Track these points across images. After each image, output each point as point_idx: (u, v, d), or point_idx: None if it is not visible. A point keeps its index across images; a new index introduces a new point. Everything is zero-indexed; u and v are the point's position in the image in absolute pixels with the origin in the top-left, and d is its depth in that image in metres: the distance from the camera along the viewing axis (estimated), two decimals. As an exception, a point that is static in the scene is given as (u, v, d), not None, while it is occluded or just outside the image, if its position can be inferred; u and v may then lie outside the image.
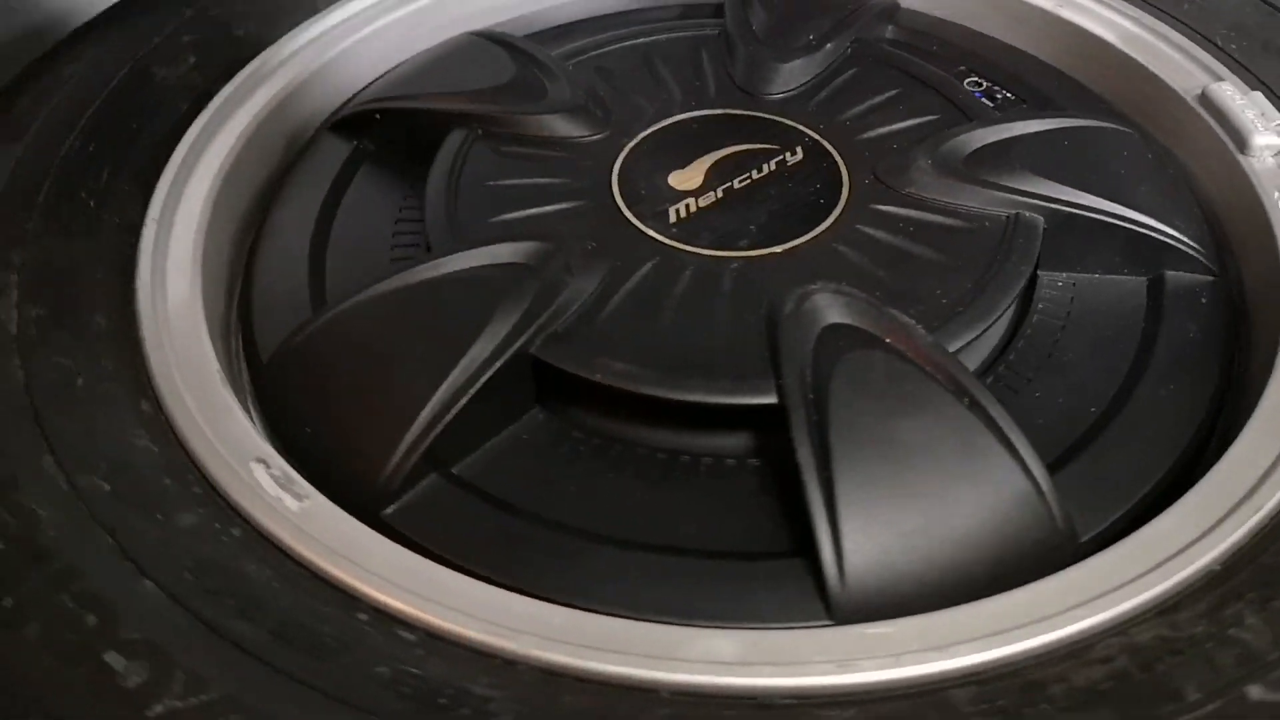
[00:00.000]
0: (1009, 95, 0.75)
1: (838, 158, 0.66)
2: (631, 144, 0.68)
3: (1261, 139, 0.65)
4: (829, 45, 0.74)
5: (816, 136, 0.68)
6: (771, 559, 0.51)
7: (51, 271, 0.57)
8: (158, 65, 0.70)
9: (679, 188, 0.65)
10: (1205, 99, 0.69)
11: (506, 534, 0.52)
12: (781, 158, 0.66)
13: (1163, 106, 0.72)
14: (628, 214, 0.63)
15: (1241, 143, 0.66)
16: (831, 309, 0.56)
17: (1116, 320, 0.62)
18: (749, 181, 0.65)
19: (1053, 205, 0.62)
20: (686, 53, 0.75)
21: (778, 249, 0.61)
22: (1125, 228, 0.62)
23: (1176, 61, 0.73)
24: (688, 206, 0.63)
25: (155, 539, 0.46)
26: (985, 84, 0.76)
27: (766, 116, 0.70)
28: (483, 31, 0.78)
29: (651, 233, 0.62)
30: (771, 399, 0.53)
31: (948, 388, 0.52)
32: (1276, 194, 0.64)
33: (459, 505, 0.53)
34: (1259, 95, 0.68)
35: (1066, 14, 0.77)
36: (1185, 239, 0.63)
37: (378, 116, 0.71)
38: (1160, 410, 0.57)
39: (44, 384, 0.51)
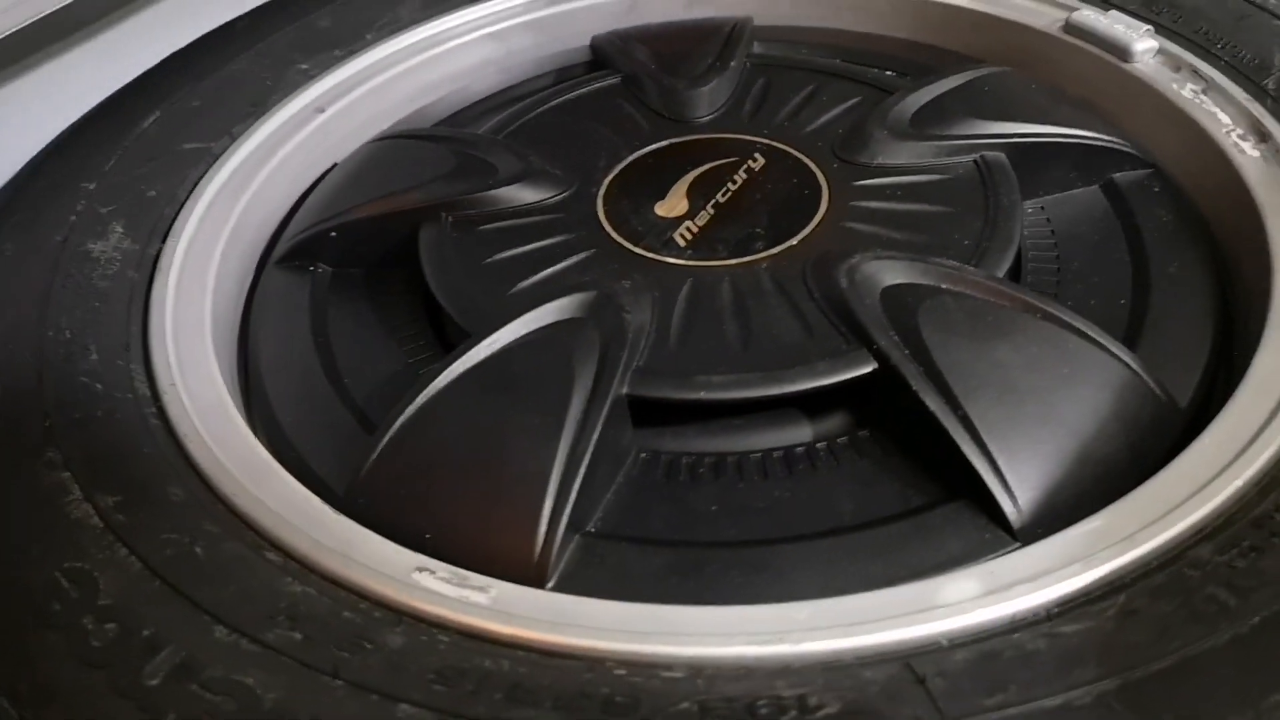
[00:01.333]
0: (894, 73, 0.81)
1: (797, 153, 0.70)
2: (602, 190, 0.68)
3: (1140, 44, 0.73)
4: (732, 64, 0.77)
5: (767, 141, 0.71)
6: (933, 509, 0.52)
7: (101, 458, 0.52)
8: (90, 240, 0.66)
9: (669, 215, 0.66)
10: (1072, 27, 0.77)
11: (684, 563, 0.51)
12: (747, 165, 0.69)
13: (1037, 49, 0.79)
14: (638, 250, 0.64)
15: (1123, 54, 0.74)
16: (883, 273, 0.58)
17: (1095, 226, 0.67)
18: (730, 193, 0.67)
19: (1004, 140, 0.67)
20: (599, 104, 0.77)
21: (794, 241, 0.63)
22: (1070, 144, 0.68)
23: (1027, 6, 0.80)
24: (689, 229, 0.65)
25: (381, 664, 0.42)
26: (871, 70, 0.81)
27: (713, 136, 0.72)
28: (390, 133, 0.77)
29: (671, 260, 0.63)
30: (872, 367, 0.55)
31: (1020, 309, 0.56)
32: (1173, 85, 0.72)
33: (618, 556, 0.52)
34: (1115, 13, 0.76)
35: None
36: (1119, 141, 0.69)
37: (333, 235, 0.68)
38: (1178, 285, 0.62)
39: (165, 559, 0.47)
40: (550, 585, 0.50)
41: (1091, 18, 0.76)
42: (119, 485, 0.51)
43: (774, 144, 0.71)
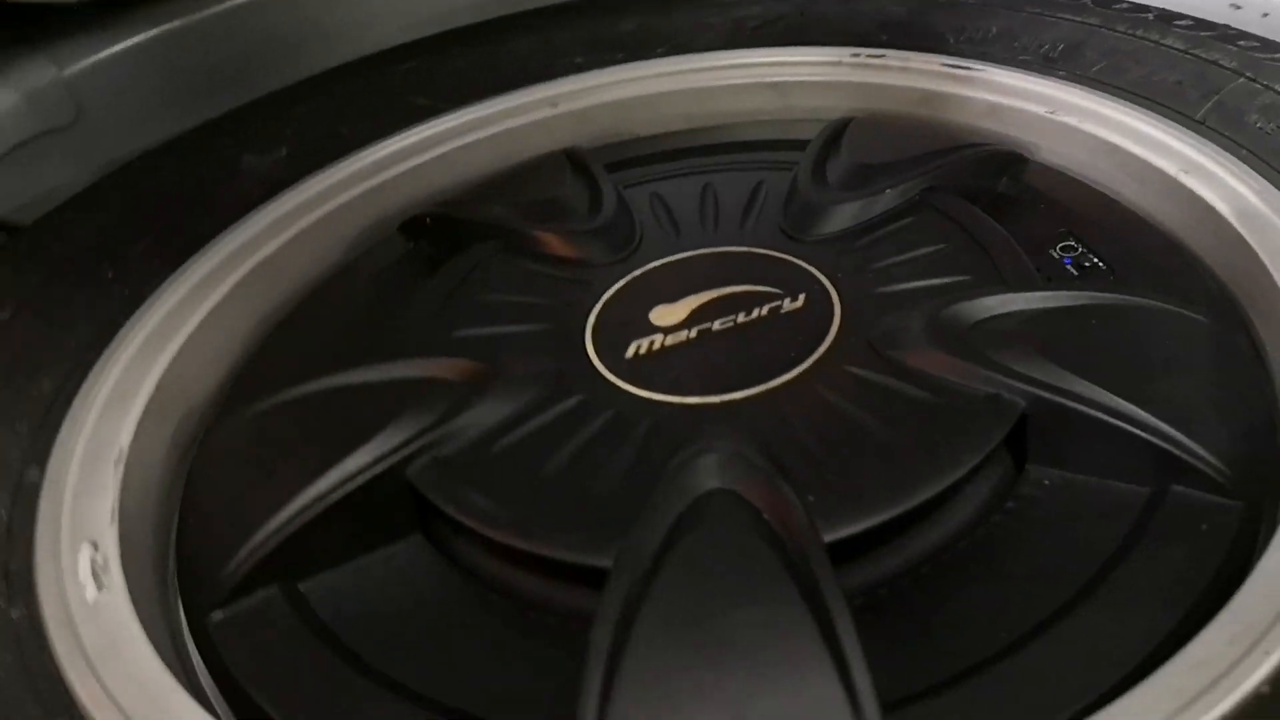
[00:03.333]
0: (1100, 263, 0.66)
1: (836, 308, 0.61)
2: (628, 277, 0.66)
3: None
4: (888, 191, 0.68)
5: (825, 284, 0.63)
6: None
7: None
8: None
9: (658, 323, 0.62)
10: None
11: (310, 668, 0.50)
12: (779, 304, 0.62)
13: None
14: (588, 345, 0.61)
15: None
16: (714, 472, 0.51)
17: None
18: (730, 325, 0.61)
19: (1041, 391, 0.54)
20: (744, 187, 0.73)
21: (715, 399, 0.57)
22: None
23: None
24: (652, 343, 0.61)
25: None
26: (1080, 248, 0.67)
27: (783, 257, 0.65)
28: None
29: (600, 366, 0.60)
30: (606, 563, 0.49)
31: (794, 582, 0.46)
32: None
33: (282, 624, 0.51)
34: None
35: (1188, 180, 0.67)
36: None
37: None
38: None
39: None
40: (217, 615, 0.52)
41: None
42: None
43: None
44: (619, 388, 0.58)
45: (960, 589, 0.50)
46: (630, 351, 0.60)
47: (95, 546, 0.54)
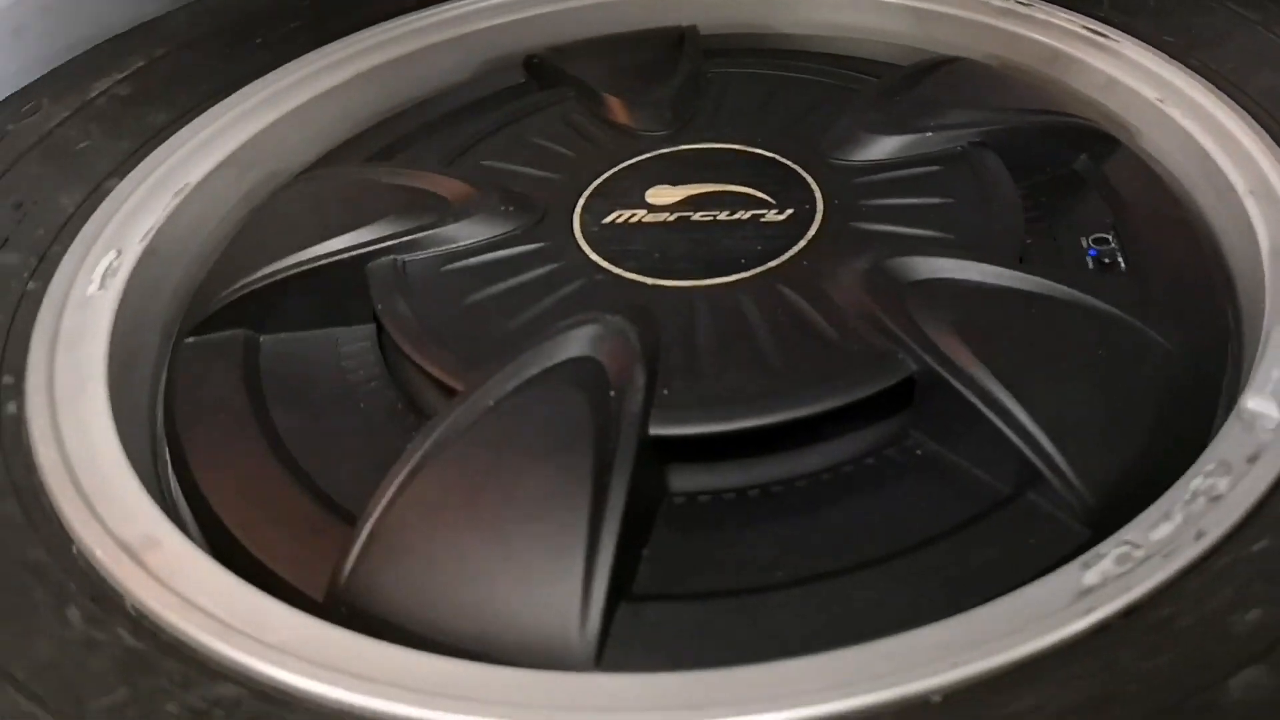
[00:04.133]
0: (1123, 263, 0.63)
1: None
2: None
3: None
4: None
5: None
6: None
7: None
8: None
9: (650, 200, 0.65)
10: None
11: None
12: (763, 213, 0.63)
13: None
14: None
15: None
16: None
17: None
18: (709, 219, 0.63)
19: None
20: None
21: (647, 280, 0.60)
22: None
23: None
24: (632, 216, 0.64)
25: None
26: (1114, 243, 0.63)
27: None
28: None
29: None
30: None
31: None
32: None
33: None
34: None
35: (1250, 203, 0.62)
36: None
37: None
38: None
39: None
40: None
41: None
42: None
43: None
44: (577, 245, 0.62)
45: (775, 517, 0.51)
46: (610, 218, 0.64)
47: (119, 253, 0.65)
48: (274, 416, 0.58)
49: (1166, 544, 0.45)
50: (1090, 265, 0.62)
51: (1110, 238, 0.63)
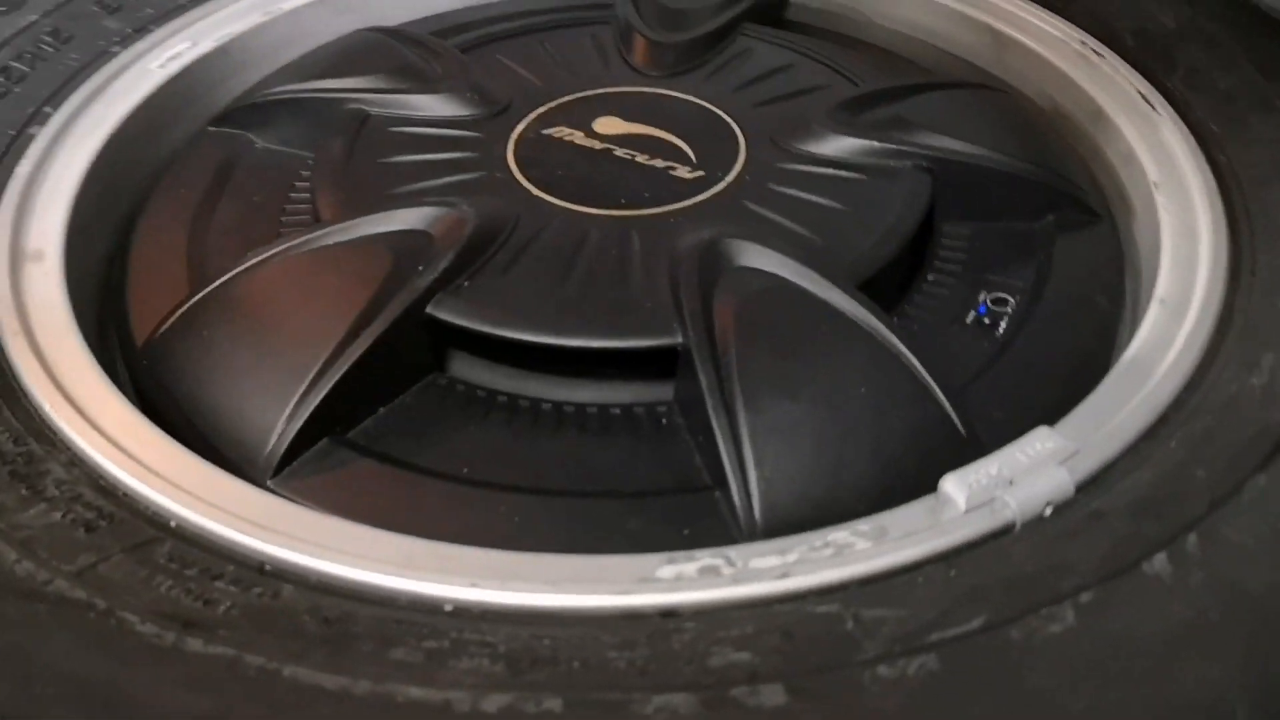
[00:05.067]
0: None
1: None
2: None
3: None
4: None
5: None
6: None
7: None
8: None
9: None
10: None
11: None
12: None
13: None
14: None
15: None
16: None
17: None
18: (642, 150, 0.65)
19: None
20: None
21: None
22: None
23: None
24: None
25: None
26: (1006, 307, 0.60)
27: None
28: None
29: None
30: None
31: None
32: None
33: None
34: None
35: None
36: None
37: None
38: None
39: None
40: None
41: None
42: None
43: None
44: (504, 145, 0.66)
45: (508, 426, 0.55)
46: (549, 130, 0.67)
47: (193, 44, 0.74)
48: (216, 204, 0.67)
49: (757, 574, 0.44)
50: (969, 320, 0.59)
51: (1011, 302, 0.60)
